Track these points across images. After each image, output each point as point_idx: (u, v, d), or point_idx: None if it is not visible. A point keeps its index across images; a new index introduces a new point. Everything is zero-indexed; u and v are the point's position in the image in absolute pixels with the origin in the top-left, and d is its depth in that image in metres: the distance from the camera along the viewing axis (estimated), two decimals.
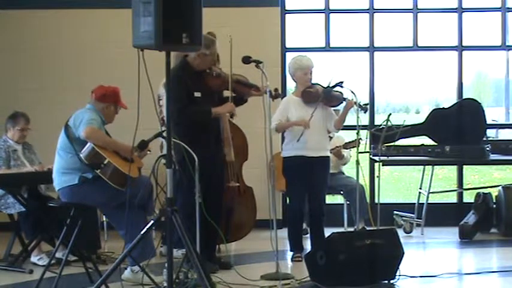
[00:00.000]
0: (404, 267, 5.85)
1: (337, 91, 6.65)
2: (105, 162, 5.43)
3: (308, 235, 7.02)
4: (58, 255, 6.07)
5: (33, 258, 6.61)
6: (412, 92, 18.85)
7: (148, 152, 5.71)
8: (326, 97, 6.63)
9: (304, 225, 7.27)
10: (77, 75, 8.21)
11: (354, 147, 7.48)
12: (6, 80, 8.50)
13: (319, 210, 6.78)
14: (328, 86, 6.66)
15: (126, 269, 5.74)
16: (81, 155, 5.48)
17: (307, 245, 6.90)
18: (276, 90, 6.41)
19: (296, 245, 6.79)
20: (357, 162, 6.73)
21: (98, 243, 6.83)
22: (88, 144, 5.48)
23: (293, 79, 6.83)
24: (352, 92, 6.61)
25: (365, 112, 6.82)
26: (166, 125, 4.75)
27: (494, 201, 8.23)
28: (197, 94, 6.11)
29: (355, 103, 6.58)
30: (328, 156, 6.86)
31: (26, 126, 6.79)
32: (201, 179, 5.55)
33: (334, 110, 6.87)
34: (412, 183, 12.96)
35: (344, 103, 6.64)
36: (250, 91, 6.30)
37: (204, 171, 5.61)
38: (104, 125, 5.79)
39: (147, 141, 5.55)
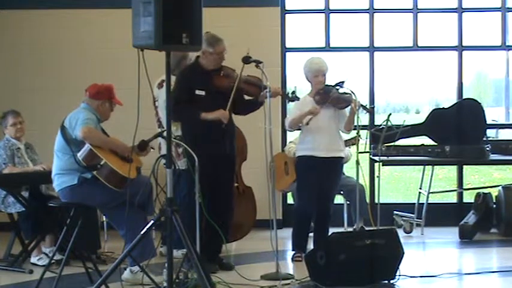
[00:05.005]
0: (404, 267, 5.86)
1: (346, 93, 6.63)
2: (102, 163, 5.40)
3: (311, 234, 7.00)
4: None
5: (33, 259, 6.60)
6: (412, 92, 18.81)
7: (152, 150, 5.70)
8: (332, 98, 6.60)
9: None
10: (77, 75, 8.18)
11: (353, 144, 7.48)
12: (6, 80, 8.50)
13: (325, 211, 6.77)
14: (328, 86, 6.66)
15: (125, 269, 5.74)
16: (78, 157, 5.46)
17: (311, 245, 6.87)
18: (293, 93, 6.37)
19: (298, 245, 6.77)
20: (357, 162, 6.73)
21: (98, 243, 6.84)
22: (85, 145, 5.45)
23: (307, 80, 6.82)
24: (352, 92, 6.61)
25: (370, 114, 6.82)
26: (165, 125, 4.76)
27: (494, 201, 8.22)
28: (200, 92, 6.10)
29: (361, 105, 6.57)
30: (340, 157, 6.82)
31: (16, 120, 6.73)
32: (208, 177, 5.52)
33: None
34: (412, 183, 12.95)
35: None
36: (261, 92, 6.16)
37: (209, 168, 5.58)
38: (100, 123, 5.76)
39: (147, 141, 5.55)
